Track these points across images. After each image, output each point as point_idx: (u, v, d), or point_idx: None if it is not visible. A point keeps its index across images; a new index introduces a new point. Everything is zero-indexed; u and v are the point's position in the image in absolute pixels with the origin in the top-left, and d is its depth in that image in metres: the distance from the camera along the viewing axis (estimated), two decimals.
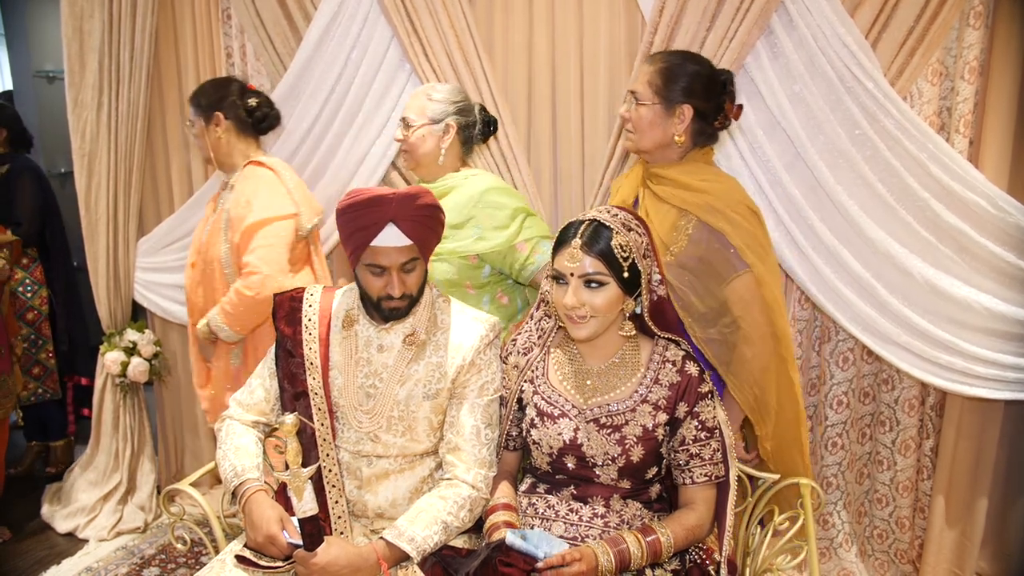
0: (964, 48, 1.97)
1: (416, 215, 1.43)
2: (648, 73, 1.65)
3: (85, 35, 2.61)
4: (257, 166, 2.12)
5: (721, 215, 1.59)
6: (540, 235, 1.88)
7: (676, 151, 1.67)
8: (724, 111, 1.66)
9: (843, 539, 2.38)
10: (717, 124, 1.68)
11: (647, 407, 1.49)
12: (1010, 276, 1.95)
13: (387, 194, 1.41)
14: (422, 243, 1.47)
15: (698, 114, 1.62)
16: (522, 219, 1.86)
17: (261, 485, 1.48)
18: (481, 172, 2.00)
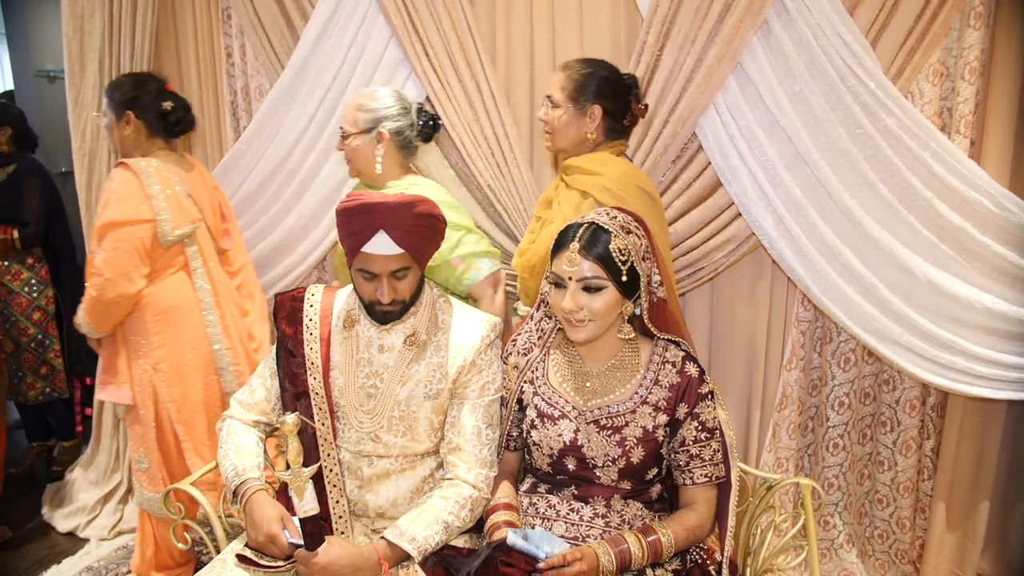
0: (965, 48, 1.97)
1: (410, 224, 1.41)
2: (561, 79, 1.83)
3: (86, 35, 2.61)
4: (123, 168, 2.07)
5: (612, 194, 1.73)
6: (477, 252, 1.90)
7: (589, 147, 1.84)
8: (631, 110, 1.86)
9: (844, 540, 2.38)
10: (626, 122, 1.87)
11: (647, 408, 1.48)
12: (1012, 276, 1.94)
13: (379, 202, 1.39)
14: (415, 251, 1.44)
15: (607, 113, 1.81)
16: (460, 235, 1.88)
17: (262, 485, 1.48)
18: (424, 183, 1.97)
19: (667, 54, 2.06)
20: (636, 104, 1.86)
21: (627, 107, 1.85)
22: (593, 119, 1.80)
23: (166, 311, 2.11)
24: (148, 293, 2.09)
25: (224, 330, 2.20)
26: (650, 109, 2.09)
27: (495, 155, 2.31)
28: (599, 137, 1.82)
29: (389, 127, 1.91)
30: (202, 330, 2.17)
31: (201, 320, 2.17)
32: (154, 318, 2.10)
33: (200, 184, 2.22)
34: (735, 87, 2.06)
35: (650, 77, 2.10)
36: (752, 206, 2.10)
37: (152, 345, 2.11)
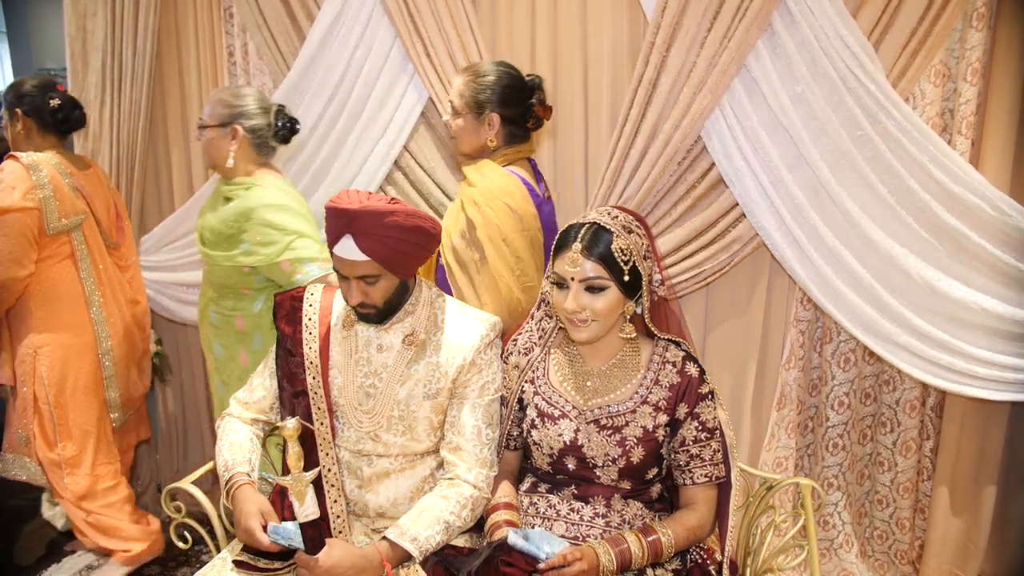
0: (967, 50, 1.97)
1: (378, 233, 1.38)
2: (460, 86, 1.84)
3: (88, 33, 2.62)
4: (11, 160, 2.17)
5: (478, 208, 1.78)
6: (304, 257, 1.89)
7: (489, 152, 1.86)
8: (534, 113, 1.85)
9: (843, 540, 2.38)
10: (530, 125, 1.88)
11: (647, 408, 1.49)
12: (1010, 277, 1.95)
13: (348, 207, 1.38)
14: (384, 260, 1.41)
15: (506, 120, 1.82)
16: (291, 240, 1.89)
17: (248, 479, 1.48)
18: (267, 182, 1.98)
19: (674, 55, 2.06)
20: (540, 106, 1.86)
21: (529, 111, 1.85)
22: (492, 126, 1.83)
23: (49, 297, 2.24)
24: (32, 279, 2.20)
25: (107, 317, 2.34)
26: (657, 110, 2.10)
27: None
28: (499, 143, 1.84)
29: (245, 124, 1.96)
30: (86, 317, 2.30)
31: (85, 307, 2.30)
32: (37, 304, 2.22)
33: (94, 182, 2.36)
34: (740, 89, 2.06)
35: (656, 78, 2.10)
36: (755, 207, 2.10)
37: (34, 329, 2.22)
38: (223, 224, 1.93)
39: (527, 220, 1.81)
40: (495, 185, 1.79)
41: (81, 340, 2.29)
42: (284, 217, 1.90)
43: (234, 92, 2.00)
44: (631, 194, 2.19)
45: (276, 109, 2.02)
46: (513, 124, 1.84)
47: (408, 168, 2.46)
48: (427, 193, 2.43)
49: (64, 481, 2.27)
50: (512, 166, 1.86)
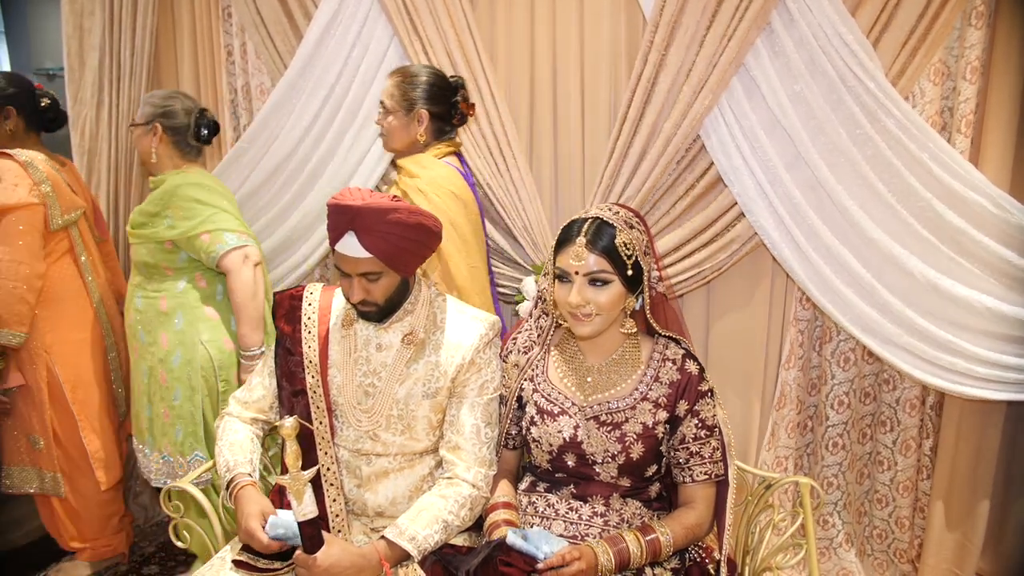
0: (966, 48, 1.97)
1: (383, 230, 1.39)
2: (390, 86, 1.96)
3: (85, 33, 2.61)
4: (4, 158, 2.17)
5: (425, 196, 1.85)
6: (225, 228, 2.04)
7: (420, 148, 1.98)
8: (459, 110, 1.99)
9: (843, 539, 2.38)
10: (455, 122, 2.01)
11: (647, 404, 1.49)
12: (1012, 277, 1.94)
13: (352, 203, 1.38)
14: (386, 257, 1.42)
15: (434, 116, 1.95)
16: (211, 213, 2.04)
17: (250, 480, 1.48)
18: (191, 170, 2.14)
19: (673, 54, 2.06)
20: (464, 104, 2.00)
21: (454, 108, 1.98)
22: (421, 122, 1.94)
23: (51, 296, 2.22)
24: None
25: (109, 311, 2.37)
26: (656, 109, 2.10)
27: (493, 154, 2.31)
28: (428, 138, 1.96)
29: (165, 123, 2.09)
30: (90, 312, 2.31)
31: (89, 302, 2.31)
32: (40, 304, 2.19)
33: (76, 178, 2.39)
34: (738, 88, 2.06)
35: (655, 77, 2.10)
36: (754, 206, 2.10)
37: (40, 330, 2.20)
38: (149, 204, 2.08)
39: (470, 206, 1.95)
40: (438, 175, 1.90)
41: (90, 335, 2.30)
42: (204, 194, 2.06)
43: (164, 94, 2.15)
44: (631, 193, 2.19)
45: (198, 112, 2.15)
46: (441, 120, 1.97)
47: None
48: None
49: (97, 475, 2.27)
50: (445, 159, 1.97)
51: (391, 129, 1.97)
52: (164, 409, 2.13)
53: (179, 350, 2.10)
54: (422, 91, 1.93)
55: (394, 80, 1.96)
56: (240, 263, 2.04)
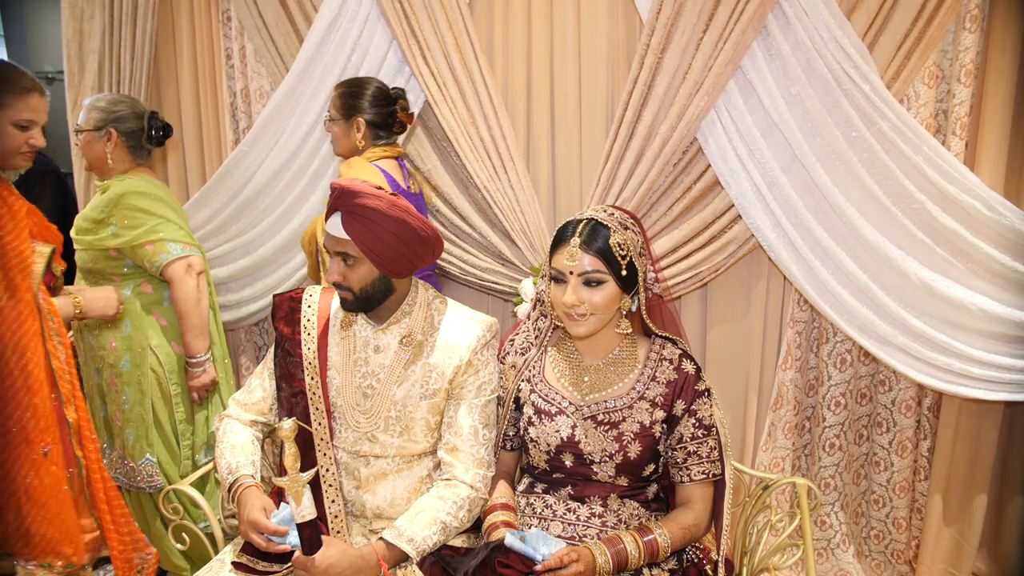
0: (960, 51, 1.98)
1: (352, 210, 1.42)
2: (334, 96, 2.14)
3: (85, 36, 2.62)
4: None
5: None
6: (169, 238, 2.10)
7: (359, 152, 2.13)
8: (398, 119, 2.15)
9: (840, 539, 2.39)
10: (396, 129, 2.17)
11: (644, 404, 1.49)
12: (1006, 278, 1.95)
13: (342, 183, 1.43)
14: (360, 242, 1.43)
15: (371, 124, 2.11)
16: (155, 223, 2.09)
17: (254, 481, 1.48)
18: (138, 176, 2.15)
19: (669, 57, 2.07)
20: (403, 113, 2.16)
21: (392, 116, 2.14)
22: (359, 130, 2.10)
23: None
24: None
25: None
26: (652, 112, 2.11)
27: (491, 157, 2.31)
28: (367, 143, 2.12)
29: (119, 128, 2.13)
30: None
31: None
32: None
33: None
34: (735, 90, 2.08)
35: (652, 80, 2.11)
36: (751, 208, 2.11)
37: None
38: (94, 210, 2.10)
39: None
40: (358, 175, 2.01)
41: None
42: (148, 203, 2.10)
43: (111, 99, 2.16)
44: (627, 196, 2.20)
45: (149, 115, 2.18)
46: (378, 128, 2.12)
47: None
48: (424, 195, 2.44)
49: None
50: (379, 162, 2.10)
51: (335, 135, 2.16)
52: (115, 411, 2.18)
53: (127, 355, 2.15)
54: (360, 102, 2.09)
55: (337, 91, 2.13)
56: (183, 273, 2.10)
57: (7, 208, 1.62)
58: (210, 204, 2.65)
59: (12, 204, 1.63)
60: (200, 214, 2.68)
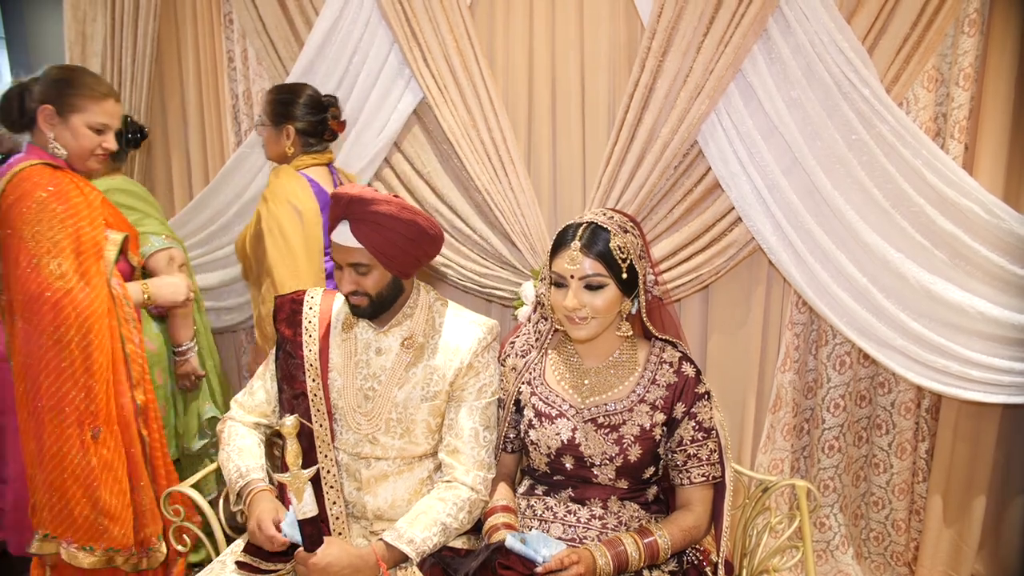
0: (959, 55, 1.99)
1: (374, 220, 1.41)
2: (264, 102, 2.14)
3: (87, 39, 2.63)
4: None
5: (266, 204, 2.01)
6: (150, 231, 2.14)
7: (288, 159, 2.13)
8: (328, 127, 2.15)
9: (840, 541, 2.40)
10: (326, 137, 2.16)
11: (644, 407, 1.50)
12: (1004, 281, 1.96)
13: (349, 192, 1.42)
14: (376, 249, 1.43)
15: (301, 131, 2.09)
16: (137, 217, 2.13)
17: (265, 486, 1.49)
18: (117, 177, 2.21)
19: (670, 60, 2.08)
20: (334, 121, 2.16)
21: (323, 124, 2.13)
22: (288, 136, 2.09)
23: None
24: None
25: None
26: (653, 115, 2.12)
27: (492, 160, 2.32)
28: (296, 151, 2.11)
29: None
30: None
31: None
32: None
33: None
34: (736, 93, 2.08)
35: (653, 83, 2.12)
36: (751, 211, 2.12)
37: None
38: None
39: (307, 216, 2.03)
40: (282, 185, 2.04)
41: None
42: (130, 199, 2.15)
43: None
44: (628, 198, 2.21)
45: (124, 118, 2.19)
46: (308, 135, 2.11)
47: (403, 174, 2.47)
48: (421, 198, 2.45)
49: None
50: (307, 170, 2.11)
51: (265, 140, 2.16)
52: None
53: None
54: (291, 109, 2.09)
55: (267, 97, 2.13)
56: (166, 264, 2.15)
57: (83, 198, 1.70)
58: (212, 205, 2.66)
59: (88, 194, 1.72)
60: (202, 215, 2.69)
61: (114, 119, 1.76)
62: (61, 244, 1.62)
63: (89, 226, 1.68)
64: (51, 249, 1.61)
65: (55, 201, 1.63)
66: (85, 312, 1.63)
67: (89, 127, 1.72)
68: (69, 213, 1.65)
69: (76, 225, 1.65)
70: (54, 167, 1.70)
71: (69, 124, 1.72)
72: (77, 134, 1.71)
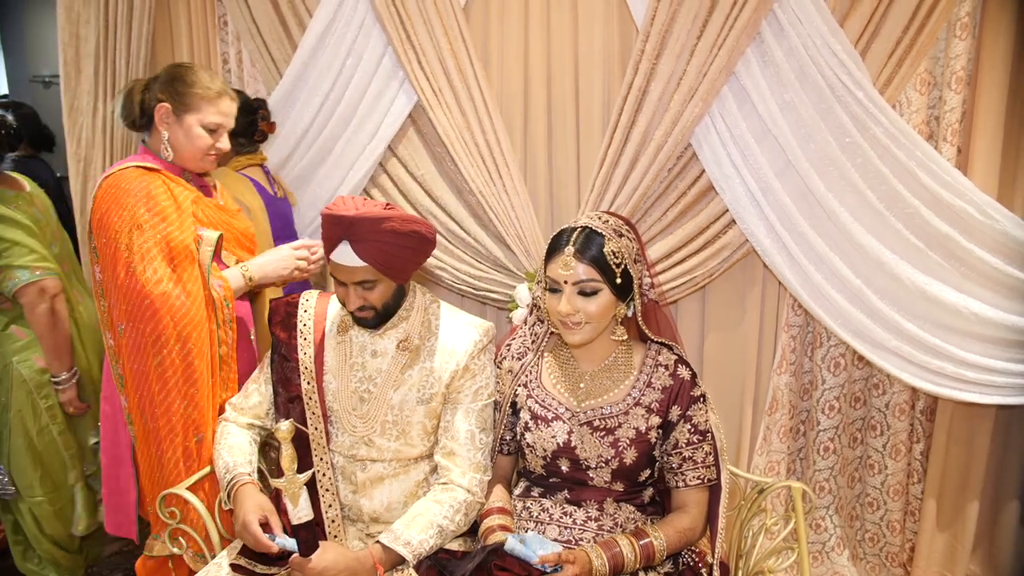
0: (951, 58, 2.00)
1: (377, 239, 1.40)
2: None
3: (81, 41, 2.62)
4: None
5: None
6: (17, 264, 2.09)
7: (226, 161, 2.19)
8: (259, 129, 2.24)
9: (835, 543, 2.40)
10: (257, 138, 2.26)
11: (640, 410, 1.50)
12: (999, 282, 1.97)
13: (348, 214, 1.39)
14: (380, 265, 1.43)
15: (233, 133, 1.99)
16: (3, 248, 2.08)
17: (250, 479, 1.49)
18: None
19: (664, 63, 2.09)
20: (264, 123, 2.26)
21: (254, 125, 2.23)
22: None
23: None
24: None
25: None
26: (647, 118, 2.12)
27: (486, 162, 2.32)
28: (230, 152, 2.16)
29: None
30: None
31: None
32: None
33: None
34: (729, 96, 2.09)
35: (646, 86, 2.12)
36: (745, 214, 2.13)
37: None
38: None
39: (255, 213, 2.16)
40: (227, 186, 2.07)
41: None
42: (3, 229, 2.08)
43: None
44: (622, 201, 2.21)
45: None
46: (241, 137, 2.20)
47: (397, 177, 2.47)
48: (415, 201, 2.45)
49: None
50: (246, 170, 2.22)
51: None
52: None
53: None
54: None
55: None
56: (36, 297, 2.10)
57: (172, 201, 1.68)
58: None
59: (178, 196, 1.69)
60: None
61: (228, 118, 1.75)
62: (152, 252, 1.61)
63: (178, 230, 1.65)
64: (144, 256, 1.60)
65: (144, 207, 1.62)
66: (183, 321, 1.61)
67: (203, 126, 1.71)
68: (159, 219, 1.63)
69: (165, 231, 1.63)
70: (147, 169, 1.69)
71: (183, 123, 1.71)
72: (190, 134, 1.70)
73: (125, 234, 1.60)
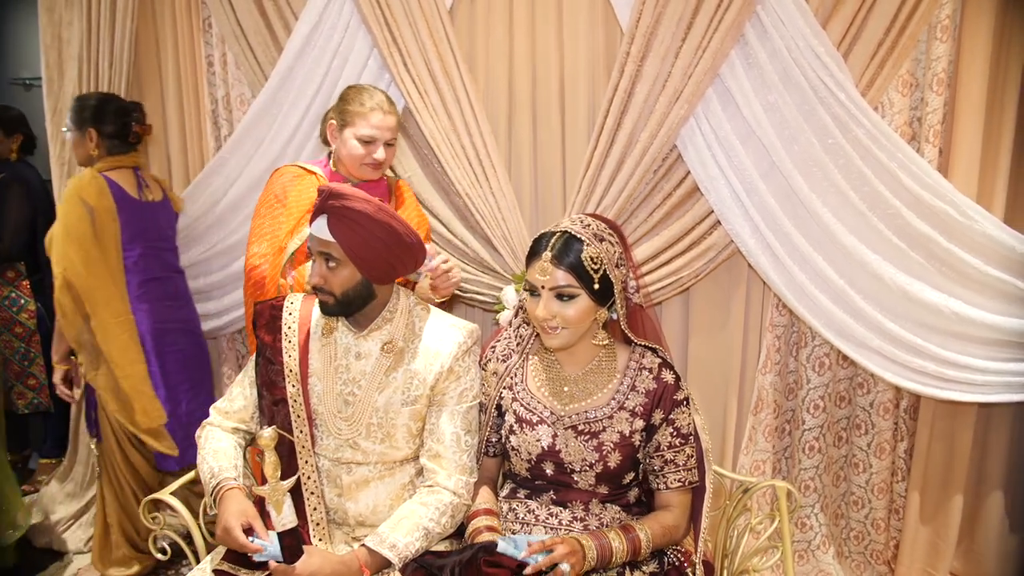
0: (932, 60, 2.02)
1: (349, 216, 1.42)
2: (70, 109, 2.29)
3: (64, 43, 2.60)
4: None
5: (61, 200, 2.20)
6: None
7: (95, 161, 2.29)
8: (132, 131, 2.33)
9: (820, 541, 2.42)
10: (132, 140, 2.35)
11: (624, 414, 1.50)
12: (979, 282, 1.99)
13: (326, 187, 1.44)
14: (347, 246, 1.44)
15: (104, 135, 2.28)
16: None
17: (236, 484, 1.48)
18: None
19: (649, 65, 2.10)
20: (138, 125, 2.34)
21: (127, 128, 2.31)
22: (92, 140, 2.27)
23: None
24: None
25: None
26: (633, 119, 2.13)
27: (472, 164, 2.32)
28: (102, 153, 2.28)
29: None
30: None
31: None
32: None
33: None
34: (714, 98, 2.10)
35: (632, 88, 2.13)
36: (730, 214, 2.14)
37: None
38: None
39: (98, 213, 2.22)
40: (76, 183, 2.22)
41: None
42: None
43: None
44: (608, 203, 2.22)
45: None
46: (113, 139, 2.29)
47: None
48: None
49: None
50: (111, 172, 2.28)
51: (72, 145, 2.33)
52: None
53: None
54: (89, 114, 2.25)
55: (73, 104, 2.31)
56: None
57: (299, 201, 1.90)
58: (189, 211, 2.64)
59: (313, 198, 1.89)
60: (180, 219, 2.66)
61: (382, 131, 1.88)
62: (264, 232, 1.89)
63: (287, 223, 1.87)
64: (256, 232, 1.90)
65: (274, 196, 1.91)
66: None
67: (357, 139, 1.87)
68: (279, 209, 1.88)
69: (277, 220, 1.87)
70: (307, 170, 1.95)
71: (343, 136, 1.91)
72: (347, 145, 1.89)
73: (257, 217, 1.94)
